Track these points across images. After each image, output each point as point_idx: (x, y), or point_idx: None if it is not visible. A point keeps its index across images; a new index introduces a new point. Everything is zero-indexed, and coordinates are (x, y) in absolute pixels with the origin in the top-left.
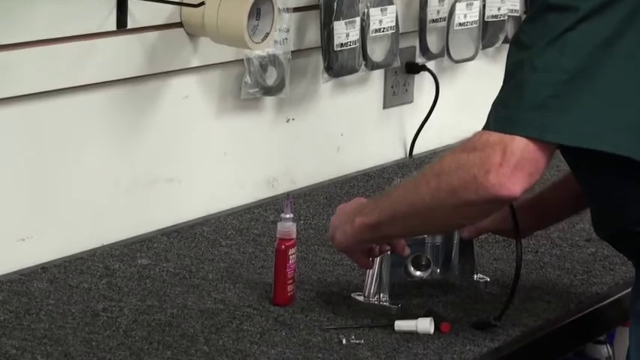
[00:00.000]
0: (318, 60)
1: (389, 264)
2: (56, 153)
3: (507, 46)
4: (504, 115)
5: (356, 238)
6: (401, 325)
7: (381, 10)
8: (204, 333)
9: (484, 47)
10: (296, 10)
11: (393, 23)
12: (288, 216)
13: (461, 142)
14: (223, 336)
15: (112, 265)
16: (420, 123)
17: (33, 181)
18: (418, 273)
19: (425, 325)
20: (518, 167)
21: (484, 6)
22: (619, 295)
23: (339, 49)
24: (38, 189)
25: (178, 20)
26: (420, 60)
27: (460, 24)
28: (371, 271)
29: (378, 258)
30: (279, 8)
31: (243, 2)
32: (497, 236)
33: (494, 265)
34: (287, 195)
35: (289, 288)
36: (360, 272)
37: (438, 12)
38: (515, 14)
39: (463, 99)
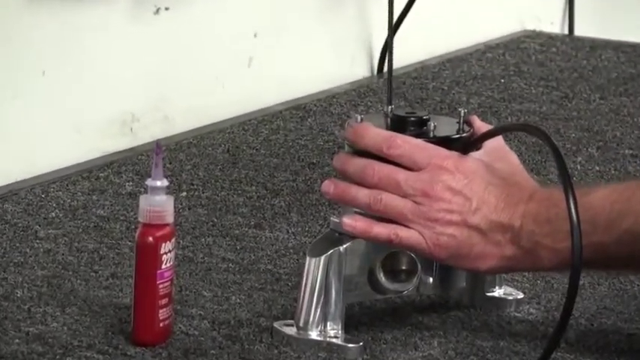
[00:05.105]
0: None
1: (342, 271)
2: None
3: None
4: None
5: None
6: None
7: None
8: None
9: None
10: None
11: None
12: (158, 183)
13: None
14: None
15: None
16: (397, 15)
17: None
18: (395, 286)
19: None
20: None
21: None
22: None
23: None
24: None
25: None
26: None
27: None
28: (309, 284)
29: (322, 258)
30: None
31: None
32: None
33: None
34: (157, 145)
35: (162, 314)
36: (291, 285)
37: None
38: None
39: None
